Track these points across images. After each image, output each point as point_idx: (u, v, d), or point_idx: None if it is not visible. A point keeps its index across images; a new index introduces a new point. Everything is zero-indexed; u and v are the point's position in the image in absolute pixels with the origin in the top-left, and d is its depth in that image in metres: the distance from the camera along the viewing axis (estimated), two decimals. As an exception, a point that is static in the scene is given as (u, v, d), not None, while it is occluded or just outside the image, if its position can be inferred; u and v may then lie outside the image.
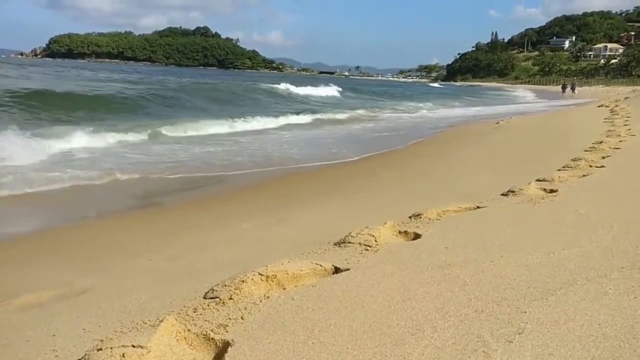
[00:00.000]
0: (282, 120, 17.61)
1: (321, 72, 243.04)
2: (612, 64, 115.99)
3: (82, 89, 21.19)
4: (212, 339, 1.83)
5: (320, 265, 2.48)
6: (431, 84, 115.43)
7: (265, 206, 5.74)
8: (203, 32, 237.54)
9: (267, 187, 7.20)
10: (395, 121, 20.36)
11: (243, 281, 2.25)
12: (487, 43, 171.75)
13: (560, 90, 51.53)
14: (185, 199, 6.34)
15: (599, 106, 22.02)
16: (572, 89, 49.09)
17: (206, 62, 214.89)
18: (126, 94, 20.44)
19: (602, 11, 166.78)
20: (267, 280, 2.28)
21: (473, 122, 18.90)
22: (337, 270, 2.48)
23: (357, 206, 5.33)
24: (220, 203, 6.09)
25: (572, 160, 6.23)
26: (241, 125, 15.56)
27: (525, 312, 1.90)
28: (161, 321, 1.90)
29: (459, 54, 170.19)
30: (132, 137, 11.62)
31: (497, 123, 16.05)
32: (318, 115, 20.30)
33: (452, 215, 3.62)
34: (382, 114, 24.26)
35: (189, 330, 1.89)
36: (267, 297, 2.15)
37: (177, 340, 1.83)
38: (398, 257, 2.63)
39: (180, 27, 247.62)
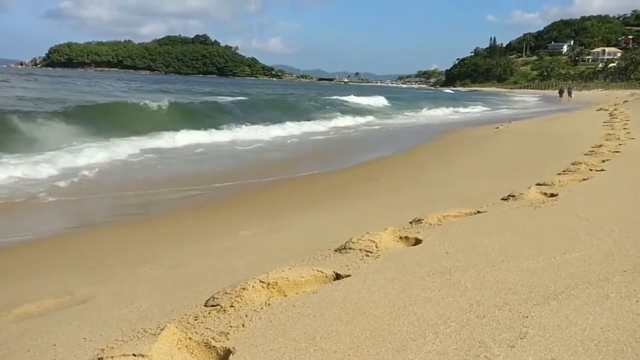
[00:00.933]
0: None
1: (320, 79, 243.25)
2: (610, 67, 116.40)
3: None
4: (214, 346, 1.83)
5: (321, 271, 2.48)
6: (444, 90, 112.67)
7: (265, 213, 5.74)
8: (202, 40, 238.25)
9: (267, 192, 7.20)
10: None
11: (244, 288, 2.25)
12: (486, 48, 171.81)
13: (558, 95, 51.49)
14: (186, 206, 6.34)
15: (598, 110, 22.08)
16: (569, 93, 48.94)
17: (205, 69, 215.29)
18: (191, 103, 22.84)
19: (600, 15, 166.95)
20: (267, 288, 2.28)
21: (473, 127, 18.93)
22: (338, 276, 2.47)
23: (358, 212, 5.33)
24: (220, 210, 6.08)
25: (572, 164, 6.23)
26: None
27: (527, 316, 1.89)
28: (162, 329, 1.90)
29: (457, 59, 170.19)
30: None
31: (497, 128, 16.08)
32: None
33: (453, 220, 3.62)
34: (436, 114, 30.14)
35: (190, 338, 1.88)
36: (268, 304, 2.14)
37: (179, 348, 1.83)
38: (399, 262, 2.62)
39: (180, 35, 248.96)
